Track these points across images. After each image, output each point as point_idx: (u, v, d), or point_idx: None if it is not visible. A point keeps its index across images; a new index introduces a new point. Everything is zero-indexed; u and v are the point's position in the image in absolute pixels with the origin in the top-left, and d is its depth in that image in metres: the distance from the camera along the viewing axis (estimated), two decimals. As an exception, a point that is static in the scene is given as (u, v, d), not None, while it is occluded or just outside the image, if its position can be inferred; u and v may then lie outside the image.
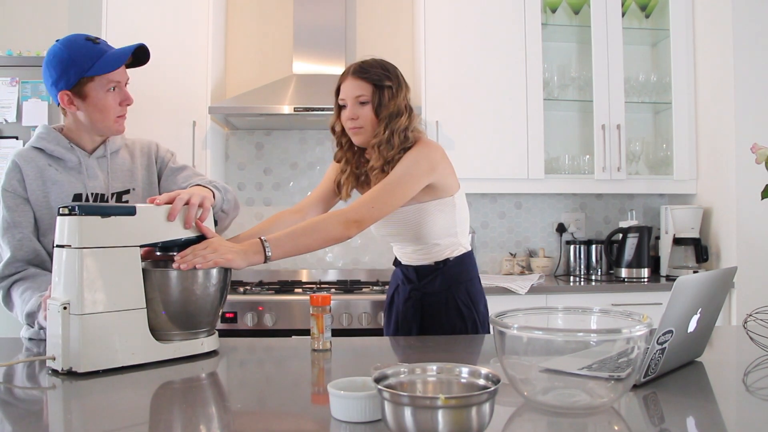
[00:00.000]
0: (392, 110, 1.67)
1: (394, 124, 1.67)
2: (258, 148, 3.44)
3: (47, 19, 3.39)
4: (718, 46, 3.04)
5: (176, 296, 1.33)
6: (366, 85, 1.67)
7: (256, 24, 3.45)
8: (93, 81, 1.53)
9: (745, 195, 2.84)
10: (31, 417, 1.05)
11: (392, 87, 1.68)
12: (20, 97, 2.74)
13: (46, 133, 1.61)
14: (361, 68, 1.69)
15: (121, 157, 1.69)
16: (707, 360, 1.32)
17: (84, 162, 1.61)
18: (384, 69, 1.70)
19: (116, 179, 1.66)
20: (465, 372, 0.93)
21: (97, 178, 1.62)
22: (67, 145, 1.60)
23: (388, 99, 1.67)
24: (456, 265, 1.80)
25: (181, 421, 1.00)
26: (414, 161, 1.66)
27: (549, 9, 3.29)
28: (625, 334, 0.95)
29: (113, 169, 1.66)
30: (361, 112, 1.68)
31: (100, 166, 1.64)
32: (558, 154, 3.36)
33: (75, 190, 1.59)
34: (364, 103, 1.67)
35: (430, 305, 1.79)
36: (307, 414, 1.06)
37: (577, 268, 3.36)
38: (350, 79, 1.69)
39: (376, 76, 1.68)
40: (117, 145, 1.68)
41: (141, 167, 1.71)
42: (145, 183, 1.71)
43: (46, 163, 1.58)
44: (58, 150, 1.59)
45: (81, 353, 1.21)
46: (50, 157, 1.59)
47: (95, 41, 1.54)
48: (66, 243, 1.24)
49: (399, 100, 1.69)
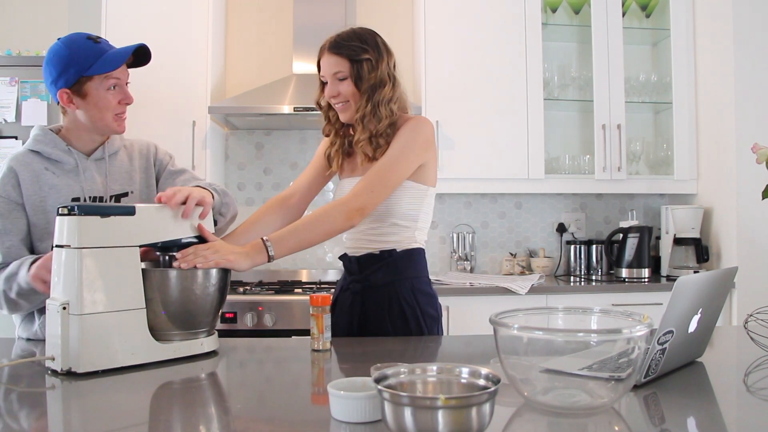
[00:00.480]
0: (374, 82, 1.61)
1: (377, 96, 1.61)
2: (258, 148, 3.44)
3: (47, 19, 3.39)
4: (718, 46, 3.03)
5: (176, 296, 1.33)
6: (342, 61, 1.61)
7: (256, 24, 3.45)
8: (92, 80, 1.53)
9: (746, 195, 2.84)
10: (31, 417, 1.05)
11: (371, 59, 1.62)
12: (20, 96, 2.74)
13: (43, 135, 1.60)
14: (336, 43, 1.63)
15: (120, 159, 1.68)
16: (708, 360, 1.32)
17: (81, 164, 1.60)
18: (361, 40, 1.63)
19: (114, 182, 1.64)
20: (465, 372, 0.92)
21: (94, 181, 1.61)
22: (64, 148, 1.59)
23: (368, 71, 1.61)
24: (403, 258, 1.68)
25: (181, 421, 1.00)
26: (409, 139, 1.62)
27: (549, 9, 3.29)
28: (625, 335, 0.95)
29: (111, 172, 1.65)
30: (341, 88, 1.63)
31: (98, 168, 1.63)
32: (558, 154, 3.36)
33: (72, 194, 1.57)
34: (343, 79, 1.62)
35: (371, 301, 1.69)
36: (307, 414, 1.06)
37: (577, 268, 3.35)
38: (326, 55, 1.64)
39: (352, 50, 1.61)
40: (115, 147, 1.68)
41: (139, 169, 1.70)
42: (143, 185, 1.69)
43: (42, 167, 1.57)
44: (55, 153, 1.58)
45: (80, 353, 1.21)
46: (47, 160, 1.58)
47: (96, 40, 1.54)
48: (65, 243, 1.24)
49: (381, 71, 1.62)
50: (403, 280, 1.68)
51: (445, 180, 3.15)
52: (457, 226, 3.48)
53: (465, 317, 2.84)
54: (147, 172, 1.72)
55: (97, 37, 1.56)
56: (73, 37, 1.54)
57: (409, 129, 1.63)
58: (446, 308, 2.84)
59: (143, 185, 1.70)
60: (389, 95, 1.63)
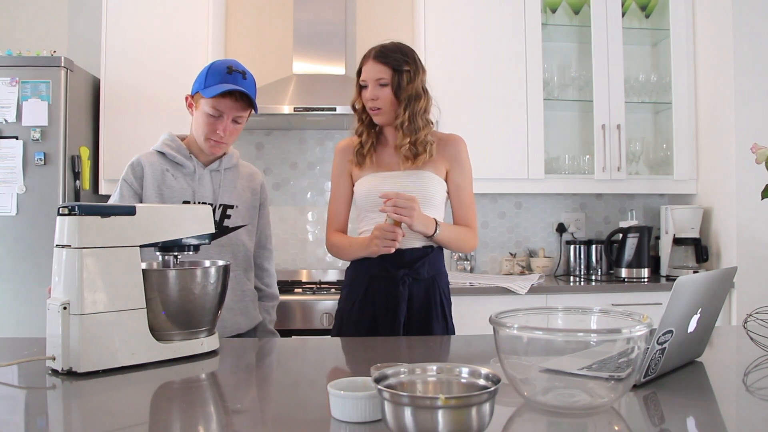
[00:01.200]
0: (411, 93, 1.78)
1: (414, 107, 1.78)
2: (258, 148, 3.44)
3: (47, 19, 3.39)
4: (718, 46, 3.04)
5: (176, 296, 1.33)
6: (386, 69, 1.77)
7: (256, 24, 3.45)
8: (203, 99, 1.71)
9: (745, 195, 2.84)
10: (31, 417, 1.05)
11: (410, 71, 1.79)
12: (20, 97, 2.74)
13: (171, 140, 1.80)
14: (381, 52, 1.79)
15: (233, 175, 1.85)
16: (707, 360, 1.32)
17: (198, 171, 1.77)
18: (403, 53, 1.81)
19: (225, 193, 1.81)
20: (465, 372, 0.92)
21: (206, 189, 1.78)
22: (187, 154, 1.78)
23: (406, 82, 1.77)
24: (439, 254, 1.87)
25: (181, 421, 1.00)
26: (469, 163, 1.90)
27: (549, 9, 3.29)
28: (625, 334, 0.95)
29: (224, 184, 1.82)
30: (380, 93, 1.78)
31: (212, 178, 1.80)
32: (558, 154, 3.36)
33: (185, 196, 1.75)
34: (384, 86, 1.77)
35: (417, 295, 1.80)
36: (307, 414, 1.06)
37: (577, 268, 3.36)
38: (371, 62, 1.79)
39: (395, 61, 1.78)
40: (231, 162, 1.85)
41: (247, 190, 1.88)
42: (248, 205, 1.87)
43: (165, 168, 1.76)
44: (178, 157, 1.77)
45: (81, 353, 1.21)
46: (170, 162, 1.77)
47: (230, 70, 1.69)
48: (66, 243, 1.24)
49: (417, 83, 1.80)
50: (442, 275, 1.87)
51: (445, 180, 3.15)
52: (457, 226, 3.48)
53: (465, 317, 2.83)
54: (253, 195, 1.90)
55: (240, 70, 1.72)
56: (221, 61, 1.75)
57: (462, 149, 1.89)
58: (446, 308, 2.85)
59: (248, 205, 1.87)
60: (424, 107, 1.81)
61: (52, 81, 2.75)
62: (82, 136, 2.93)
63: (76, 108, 2.88)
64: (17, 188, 2.72)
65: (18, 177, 2.72)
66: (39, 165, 2.73)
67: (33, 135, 2.73)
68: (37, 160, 2.72)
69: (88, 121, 3.00)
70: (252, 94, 1.73)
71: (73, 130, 2.83)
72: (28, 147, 2.73)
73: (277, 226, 3.25)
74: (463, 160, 1.88)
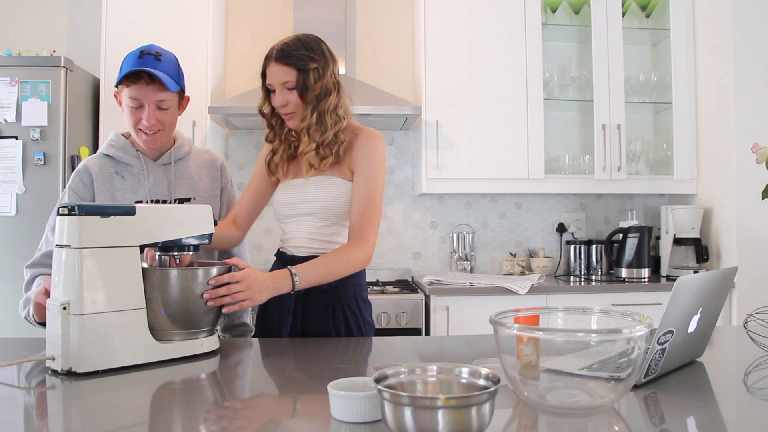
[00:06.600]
0: (319, 91, 1.60)
1: (322, 105, 1.60)
2: (258, 149, 3.43)
3: (47, 19, 3.39)
4: (718, 46, 3.04)
5: (176, 296, 1.33)
6: (290, 71, 1.59)
7: (256, 24, 3.45)
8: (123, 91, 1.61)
9: (746, 195, 2.84)
10: (31, 417, 1.05)
11: (318, 68, 1.60)
12: (20, 96, 2.74)
13: (116, 140, 1.71)
14: (283, 52, 1.60)
15: (186, 165, 1.76)
16: (707, 360, 1.32)
17: (147, 169, 1.69)
18: (308, 48, 1.61)
19: (179, 186, 1.72)
20: (465, 372, 0.92)
21: (160, 185, 1.70)
22: (133, 152, 1.69)
23: (313, 81, 1.59)
24: None
25: (181, 421, 1.00)
26: (378, 162, 1.63)
27: (549, 9, 3.29)
28: (625, 334, 0.95)
29: (177, 177, 1.73)
30: (290, 97, 1.61)
31: (165, 172, 1.72)
32: (558, 154, 3.36)
33: (138, 196, 1.67)
34: (291, 89, 1.60)
35: (313, 305, 1.65)
36: (307, 414, 1.06)
37: (577, 268, 3.36)
38: (273, 64, 1.61)
39: (299, 60, 1.59)
40: (182, 153, 1.76)
41: (206, 178, 1.79)
42: (208, 193, 1.78)
43: (113, 170, 1.68)
44: (125, 157, 1.68)
45: (80, 353, 1.21)
46: (117, 163, 1.69)
47: (141, 54, 1.58)
48: (66, 243, 1.24)
49: (326, 79, 1.61)
50: (347, 286, 1.66)
51: (445, 180, 3.15)
52: (457, 226, 3.48)
53: (465, 317, 2.84)
54: (213, 182, 1.80)
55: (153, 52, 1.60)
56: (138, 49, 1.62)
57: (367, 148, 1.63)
58: (446, 308, 2.85)
59: (208, 193, 1.78)
60: (334, 103, 1.62)
61: (52, 81, 2.75)
62: (81, 136, 2.93)
63: (76, 108, 2.88)
64: (17, 188, 2.72)
65: (18, 177, 2.72)
66: (39, 165, 2.73)
67: (33, 135, 2.73)
68: (36, 160, 2.72)
69: (87, 121, 3.00)
70: (168, 73, 1.59)
71: (73, 130, 2.83)
72: (27, 147, 2.73)
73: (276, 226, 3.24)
74: (367, 157, 1.63)
